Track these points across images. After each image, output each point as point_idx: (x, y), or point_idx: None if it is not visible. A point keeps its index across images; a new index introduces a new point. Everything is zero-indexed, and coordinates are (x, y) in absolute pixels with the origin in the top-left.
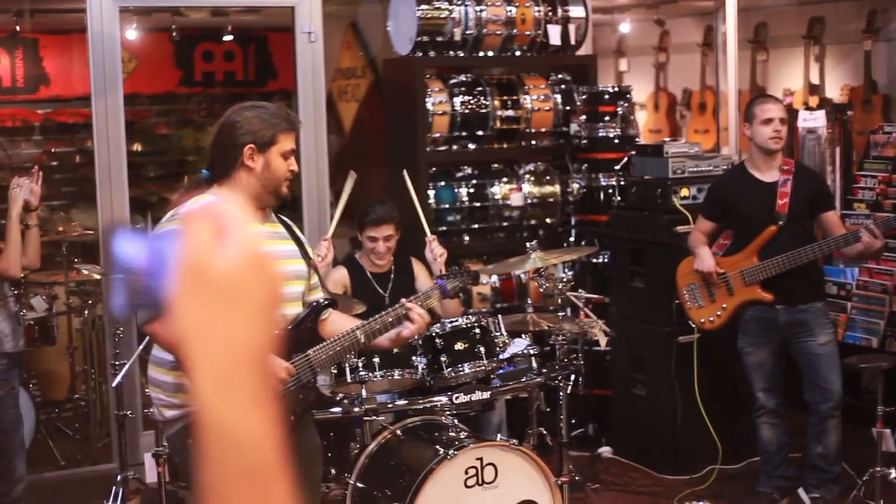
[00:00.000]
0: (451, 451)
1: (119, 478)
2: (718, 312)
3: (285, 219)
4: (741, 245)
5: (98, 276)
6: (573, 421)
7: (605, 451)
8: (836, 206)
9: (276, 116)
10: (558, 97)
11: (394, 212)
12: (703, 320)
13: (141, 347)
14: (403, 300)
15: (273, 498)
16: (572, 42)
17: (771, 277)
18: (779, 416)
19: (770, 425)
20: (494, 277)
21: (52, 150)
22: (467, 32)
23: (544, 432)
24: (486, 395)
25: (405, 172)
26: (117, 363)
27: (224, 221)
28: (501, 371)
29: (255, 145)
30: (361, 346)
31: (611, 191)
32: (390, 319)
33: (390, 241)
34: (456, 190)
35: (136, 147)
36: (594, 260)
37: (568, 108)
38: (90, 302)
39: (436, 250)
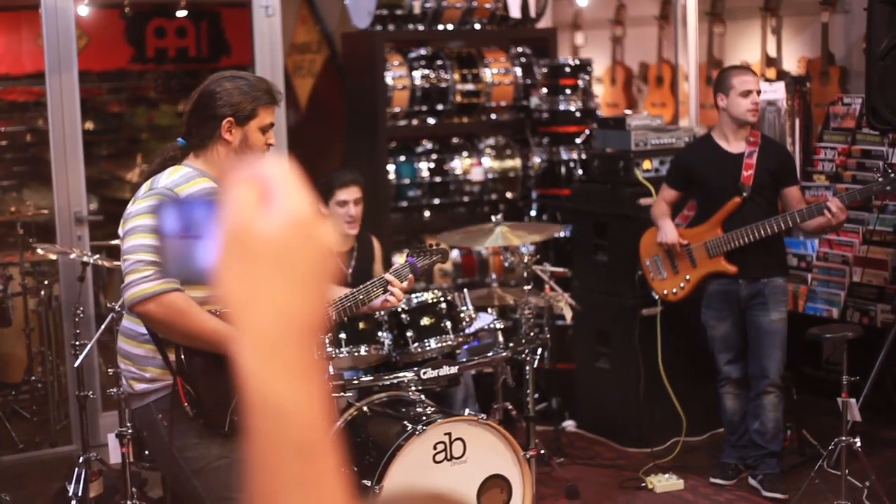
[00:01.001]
0: (419, 427)
1: (81, 459)
2: (682, 284)
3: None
4: (705, 216)
5: (54, 256)
6: (537, 395)
7: (569, 424)
8: (798, 180)
9: (257, 89)
10: (518, 71)
11: (359, 176)
12: (666, 292)
13: (102, 328)
14: (385, 275)
15: (322, 474)
16: (532, 15)
17: (735, 252)
18: (742, 386)
19: (734, 396)
20: (456, 253)
21: (3, 130)
22: (426, 5)
23: (510, 407)
24: (454, 370)
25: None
26: (77, 343)
27: (269, 184)
28: (468, 346)
29: (234, 119)
30: (332, 324)
31: (572, 164)
32: (361, 297)
33: (359, 204)
34: (416, 165)
35: (88, 125)
36: (557, 234)
37: (528, 81)
38: (46, 282)
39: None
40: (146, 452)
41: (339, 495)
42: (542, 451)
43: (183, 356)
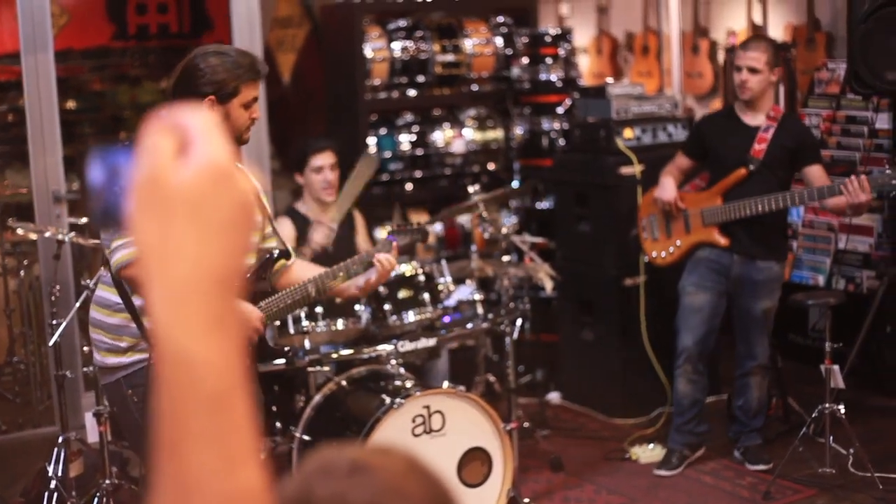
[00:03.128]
0: (397, 400)
1: (61, 439)
2: (671, 249)
3: (240, 165)
4: (712, 185)
5: (34, 236)
6: (521, 368)
7: (554, 396)
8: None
9: (240, 66)
10: (499, 41)
11: (333, 142)
12: (655, 254)
13: (77, 305)
14: (371, 251)
15: (231, 426)
16: None
17: (733, 227)
18: (698, 371)
19: (687, 379)
20: (439, 226)
21: None
22: None
23: (492, 379)
24: (432, 341)
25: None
26: (54, 322)
27: (188, 133)
28: (447, 319)
29: (216, 97)
30: (313, 300)
31: (554, 135)
32: (354, 266)
33: (335, 170)
34: (397, 137)
35: (70, 104)
36: (539, 206)
37: (509, 51)
38: (26, 262)
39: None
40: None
41: (248, 448)
42: (526, 424)
43: None
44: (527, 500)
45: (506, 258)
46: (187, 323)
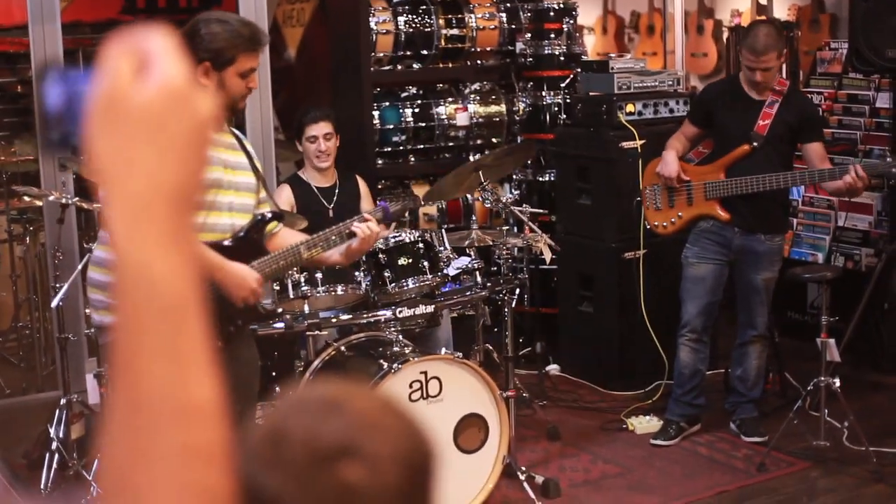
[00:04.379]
0: (395, 365)
1: (63, 401)
2: (673, 219)
3: (236, 131)
4: (715, 157)
5: (39, 202)
6: (521, 340)
7: (553, 368)
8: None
9: (240, 35)
10: (503, 15)
11: (330, 112)
12: (657, 223)
13: (80, 268)
14: (349, 221)
15: (188, 338)
16: None
17: (734, 201)
18: (702, 341)
19: (690, 348)
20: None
21: None
22: None
23: (490, 348)
24: (430, 308)
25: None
26: (57, 286)
27: (147, 54)
28: (446, 288)
29: (211, 63)
30: (304, 262)
31: (556, 109)
32: (333, 237)
33: (330, 139)
34: (401, 110)
35: None
36: (540, 178)
37: (513, 26)
38: (32, 229)
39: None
40: None
41: (202, 363)
42: (525, 394)
43: None
44: (523, 467)
45: (505, 228)
46: (145, 236)
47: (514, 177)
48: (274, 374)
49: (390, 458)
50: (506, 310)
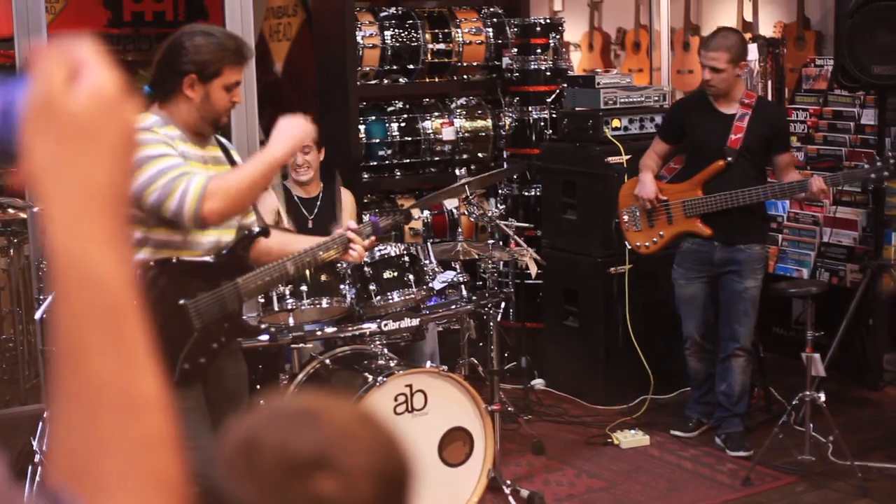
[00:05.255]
0: (380, 378)
1: (46, 414)
2: (655, 239)
3: (223, 141)
4: (690, 173)
5: (24, 215)
6: (506, 354)
7: (538, 383)
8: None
9: (225, 48)
10: (490, 31)
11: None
12: (638, 244)
13: None
14: (345, 231)
15: (131, 334)
16: None
17: (713, 216)
18: (706, 350)
19: (697, 358)
20: (426, 212)
21: None
22: None
23: (475, 362)
24: (416, 321)
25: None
26: (41, 298)
27: (79, 62)
28: (432, 302)
29: (197, 76)
30: (291, 277)
31: (543, 124)
32: (321, 253)
33: (309, 153)
34: (387, 125)
35: None
36: (526, 193)
37: (500, 41)
38: (16, 241)
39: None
40: None
41: (146, 358)
42: (510, 409)
43: None
44: (508, 481)
45: (490, 241)
46: (86, 238)
47: (500, 191)
48: (258, 387)
49: (365, 472)
50: (491, 324)
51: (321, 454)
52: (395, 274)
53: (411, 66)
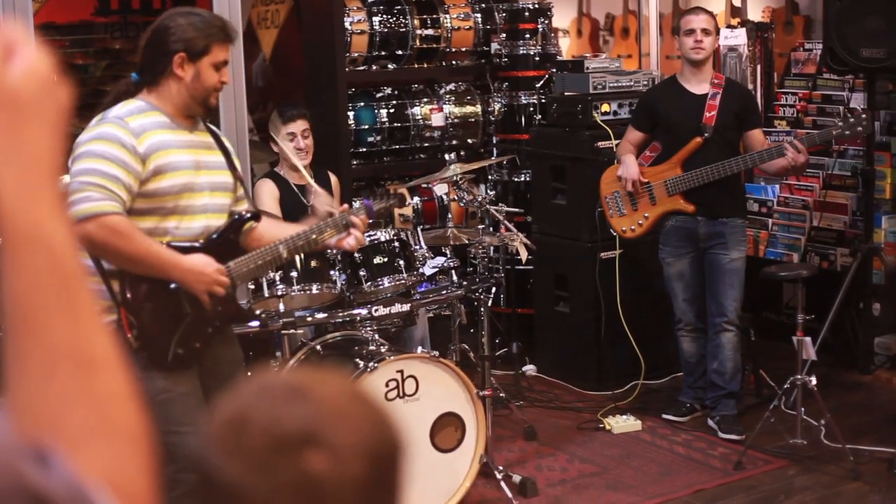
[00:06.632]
0: (371, 364)
1: None
2: (640, 221)
3: (213, 128)
4: (667, 156)
5: None
6: (497, 340)
7: (529, 369)
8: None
9: (212, 25)
10: (478, 16)
11: (305, 110)
12: (624, 229)
13: None
14: (339, 212)
15: (82, 298)
16: None
17: (694, 189)
18: (698, 328)
19: (690, 338)
20: (416, 199)
21: None
22: None
23: (466, 348)
24: (406, 307)
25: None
26: None
27: (10, 41)
28: (422, 287)
29: (187, 54)
30: (284, 261)
31: (532, 109)
32: (314, 236)
33: (308, 137)
34: (376, 111)
35: None
36: (516, 178)
37: (488, 26)
38: None
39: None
40: None
41: (97, 319)
42: (502, 394)
43: (128, 285)
44: (500, 466)
45: (481, 226)
46: (37, 208)
47: (490, 177)
48: (249, 373)
49: (355, 449)
50: (482, 309)
51: (311, 431)
52: (386, 260)
53: (400, 52)
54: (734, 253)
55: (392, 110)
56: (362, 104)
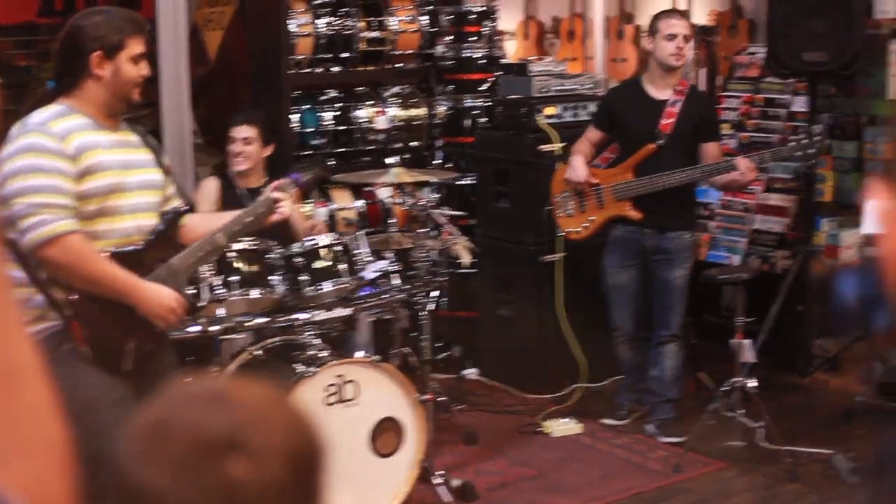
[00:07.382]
0: (310, 369)
1: None
2: (585, 224)
3: (136, 127)
4: (622, 159)
5: None
6: (439, 344)
7: (471, 372)
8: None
9: (122, 19)
10: (424, 18)
11: (256, 118)
12: (570, 230)
13: None
14: (271, 195)
15: (7, 311)
16: None
17: (644, 200)
18: (636, 339)
19: (627, 346)
20: (360, 202)
21: None
22: None
23: (408, 351)
24: (348, 311)
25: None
26: None
27: None
28: (364, 292)
29: (103, 51)
30: (224, 248)
31: (477, 112)
32: (249, 219)
33: (251, 144)
34: (320, 113)
35: None
36: (459, 182)
37: (434, 29)
38: None
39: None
40: None
41: (21, 330)
42: (443, 398)
43: (77, 291)
44: (440, 472)
45: (422, 230)
46: None
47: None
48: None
49: (276, 453)
50: (423, 313)
51: (232, 436)
52: (327, 264)
53: (345, 55)
54: (678, 270)
55: (336, 113)
56: (307, 107)
